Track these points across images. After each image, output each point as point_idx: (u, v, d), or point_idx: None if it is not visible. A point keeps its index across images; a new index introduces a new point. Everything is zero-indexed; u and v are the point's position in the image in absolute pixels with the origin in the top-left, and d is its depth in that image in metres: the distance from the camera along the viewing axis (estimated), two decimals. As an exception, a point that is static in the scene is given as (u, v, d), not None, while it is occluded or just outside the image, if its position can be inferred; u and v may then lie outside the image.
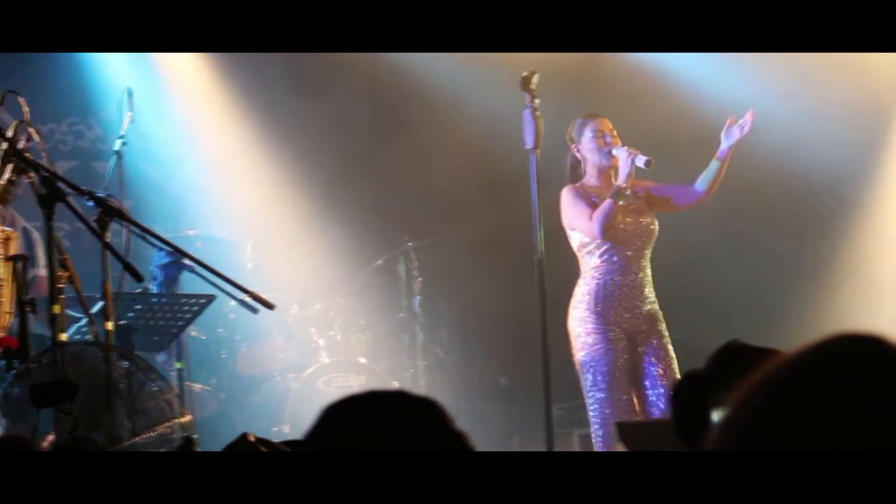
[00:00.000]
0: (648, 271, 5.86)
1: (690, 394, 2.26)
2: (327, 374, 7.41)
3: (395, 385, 7.31)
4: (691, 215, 6.37)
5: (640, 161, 5.64)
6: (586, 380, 5.73)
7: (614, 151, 5.79)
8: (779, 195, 8.28)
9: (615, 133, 5.89)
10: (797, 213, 8.40)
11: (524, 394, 7.87)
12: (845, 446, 1.08)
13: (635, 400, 5.73)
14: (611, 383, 5.66)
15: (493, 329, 8.66)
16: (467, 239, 8.48)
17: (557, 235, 5.89)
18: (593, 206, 5.75)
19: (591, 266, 5.82)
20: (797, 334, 7.12)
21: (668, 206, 6.03)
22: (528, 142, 5.56)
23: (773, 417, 1.13)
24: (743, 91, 7.55)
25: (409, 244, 8.19)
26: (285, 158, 8.57)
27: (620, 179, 5.71)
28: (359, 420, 1.64)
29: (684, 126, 7.97)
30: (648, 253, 5.88)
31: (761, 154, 7.20)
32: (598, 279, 5.77)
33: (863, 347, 1.15)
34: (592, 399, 5.71)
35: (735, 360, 2.29)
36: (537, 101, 5.55)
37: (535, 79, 5.53)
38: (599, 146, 5.84)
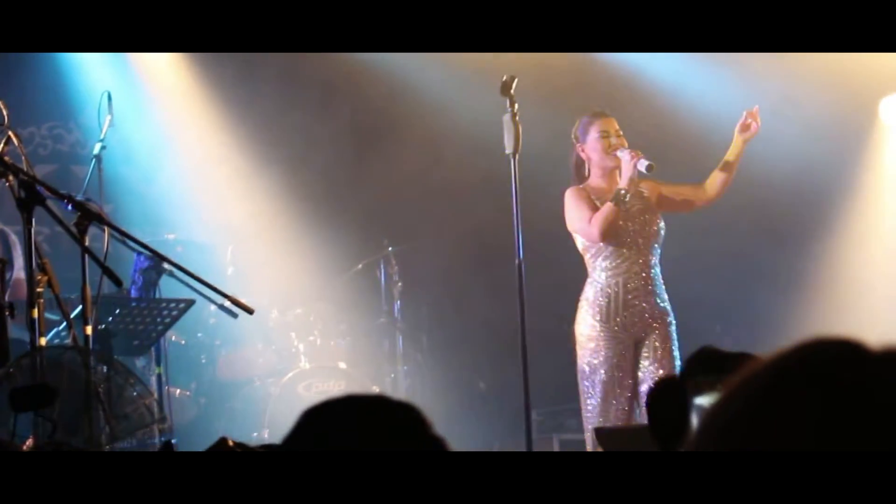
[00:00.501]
0: (657, 272, 5.73)
1: (666, 399, 2.26)
2: (307, 379, 7.39)
3: (375, 390, 7.30)
4: (673, 220, 6.37)
5: (642, 165, 5.52)
6: (584, 385, 5.64)
7: (618, 154, 5.64)
8: (762, 199, 8.28)
9: (621, 133, 5.74)
10: (778, 218, 8.41)
11: (504, 399, 7.87)
12: (823, 449, 1.09)
13: (634, 405, 5.61)
14: (606, 391, 5.57)
15: (474, 334, 8.65)
16: (448, 243, 8.48)
17: (542, 239, 5.87)
18: (595, 209, 5.64)
19: (595, 269, 5.70)
20: (778, 340, 7.12)
21: (679, 206, 5.92)
22: (508, 146, 5.57)
23: (751, 421, 1.14)
24: (726, 95, 7.56)
25: (390, 249, 8.18)
26: (266, 163, 8.55)
27: (622, 183, 5.58)
28: (338, 424, 1.64)
29: (669, 127, 7.99)
30: (657, 254, 5.74)
31: (745, 159, 7.21)
32: (602, 282, 5.66)
33: (842, 351, 1.15)
34: (587, 405, 5.63)
35: (709, 365, 2.29)
36: (517, 105, 5.55)
37: (514, 84, 5.54)
38: (604, 147, 5.70)
